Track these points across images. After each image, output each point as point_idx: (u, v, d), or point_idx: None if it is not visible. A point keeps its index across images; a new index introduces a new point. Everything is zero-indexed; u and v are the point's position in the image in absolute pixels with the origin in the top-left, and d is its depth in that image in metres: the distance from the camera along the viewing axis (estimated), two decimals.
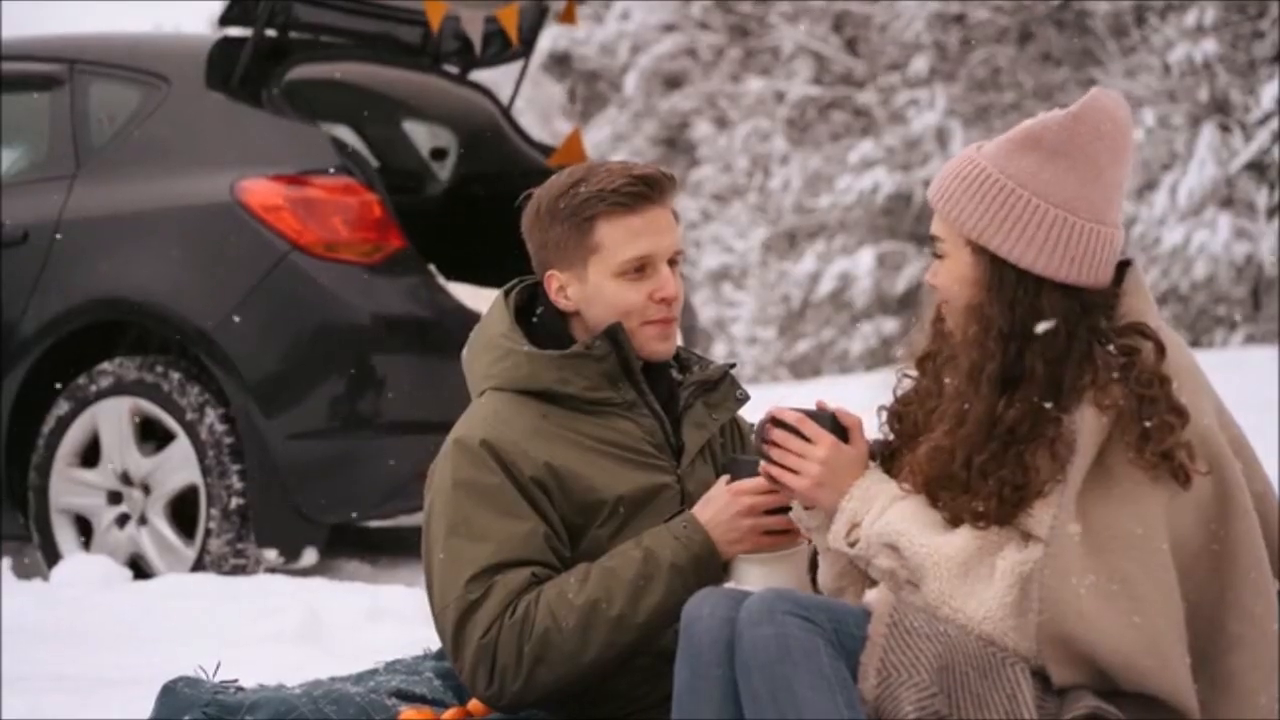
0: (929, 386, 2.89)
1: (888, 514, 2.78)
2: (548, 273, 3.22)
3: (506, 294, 3.31)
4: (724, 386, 3.32)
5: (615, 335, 3.17)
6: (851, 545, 2.82)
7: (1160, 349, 2.70)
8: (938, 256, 2.83)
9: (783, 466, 2.90)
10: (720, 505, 3.06)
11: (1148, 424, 2.66)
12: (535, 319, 3.27)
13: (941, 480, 2.77)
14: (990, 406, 2.73)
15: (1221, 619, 2.69)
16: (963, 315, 2.79)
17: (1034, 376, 2.72)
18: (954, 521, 2.75)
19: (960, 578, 2.70)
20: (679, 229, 3.22)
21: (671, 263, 3.19)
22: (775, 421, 2.92)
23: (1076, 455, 2.68)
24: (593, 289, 3.17)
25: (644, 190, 3.15)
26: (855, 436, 2.91)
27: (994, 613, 2.68)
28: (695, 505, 3.11)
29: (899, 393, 2.95)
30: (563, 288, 3.20)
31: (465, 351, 3.33)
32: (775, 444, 2.91)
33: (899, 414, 2.93)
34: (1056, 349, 2.72)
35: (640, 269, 3.15)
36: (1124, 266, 2.81)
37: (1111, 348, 2.71)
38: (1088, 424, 2.69)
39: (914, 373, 2.94)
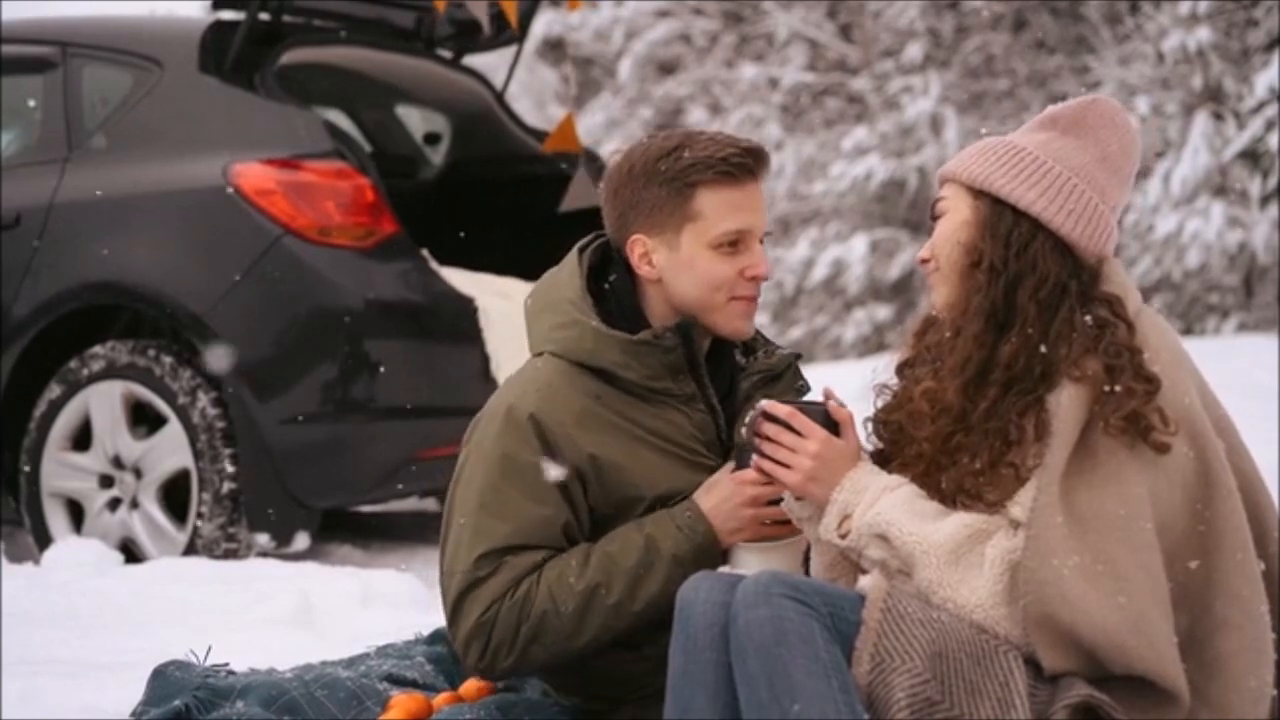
0: (910, 391, 2.90)
1: (878, 504, 2.79)
2: (633, 237, 3.15)
3: (581, 251, 3.24)
4: (787, 377, 3.28)
5: (686, 330, 3.13)
6: (843, 537, 2.83)
7: (1130, 327, 2.76)
8: (935, 218, 2.89)
9: (775, 461, 2.90)
10: (724, 494, 3.06)
11: (1115, 388, 2.69)
12: (608, 284, 3.20)
13: (945, 449, 2.79)
14: (984, 346, 2.78)
15: (1208, 601, 2.70)
16: (957, 259, 2.84)
17: (1026, 315, 2.77)
18: (957, 493, 2.77)
19: (951, 566, 2.71)
20: None
21: (760, 241, 3.15)
22: (766, 415, 2.92)
23: (1055, 436, 2.70)
24: (683, 258, 3.11)
25: (749, 163, 3.10)
26: (847, 431, 2.92)
27: (985, 601, 2.68)
28: (698, 490, 3.10)
29: (879, 404, 2.97)
30: (648, 254, 3.14)
31: (529, 300, 3.26)
32: (767, 438, 2.91)
33: (884, 422, 2.94)
34: (1047, 292, 2.78)
35: (735, 243, 3.10)
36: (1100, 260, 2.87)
37: (1089, 318, 2.76)
38: (1065, 403, 2.72)
39: (894, 383, 2.97)
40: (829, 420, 2.91)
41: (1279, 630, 2.75)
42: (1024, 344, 2.77)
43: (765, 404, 2.93)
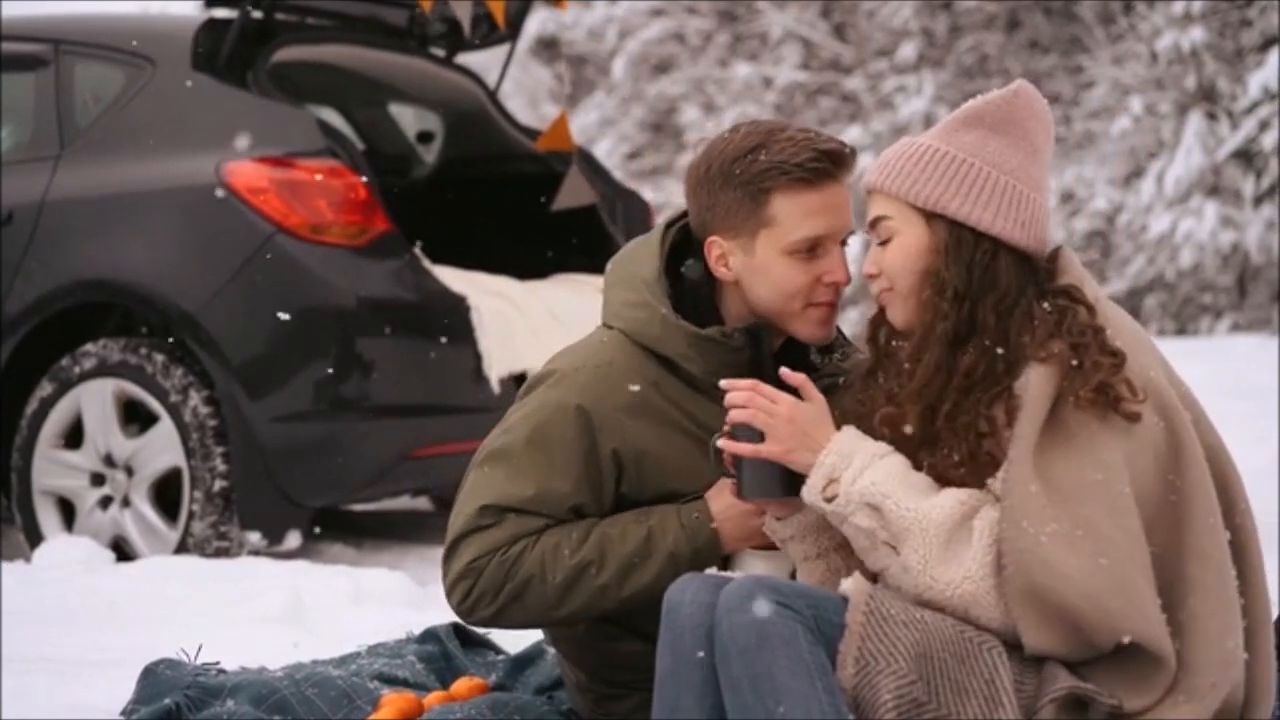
0: (873, 405, 2.90)
1: (870, 473, 2.78)
2: (710, 238, 3.08)
3: (667, 227, 3.19)
4: None
5: (756, 332, 3.08)
6: (828, 500, 2.81)
7: (1090, 309, 2.77)
8: (882, 242, 2.86)
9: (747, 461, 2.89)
10: (734, 499, 3.04)
11: (1082, 363, 2.71)
12: (685, 267, 3.15)
13: (917, 440, 2.80)
14: (944, 360, 2.78)
15: (1182, 565, 2.71)
16: (916, 284, 2.82)
17: (985, 328, 2.78)
18: (938, 480, 2.77)
19: (944, 545, 2.71)
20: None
21: (842, 242, 3.07)
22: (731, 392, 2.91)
23: (1024, 410, 2.71)
24: (759, 263, 3.04)
25: (828, 167, 3.01)
26: (809, 392, 2.90)
27: (974, 573, 2.68)
28: (711, 490, 3.08)
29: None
30: (724, 255, 3.08)
31: (611, 265, 3.21)
32: (740, 406, 2.89)
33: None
34: (1006, 305, 2.78)
35: (812, 249, 3.03)
36: (1055, 250, 2.89)
37: (1046, 305, 2.77)
38: (1033, 381, 2.72)
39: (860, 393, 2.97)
40: (786, 388, 2.90)
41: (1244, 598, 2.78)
42: (982, 354, 2.77)
43: (725, 382, 2.92)
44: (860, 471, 2.78)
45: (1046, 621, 2.64)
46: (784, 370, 2.90)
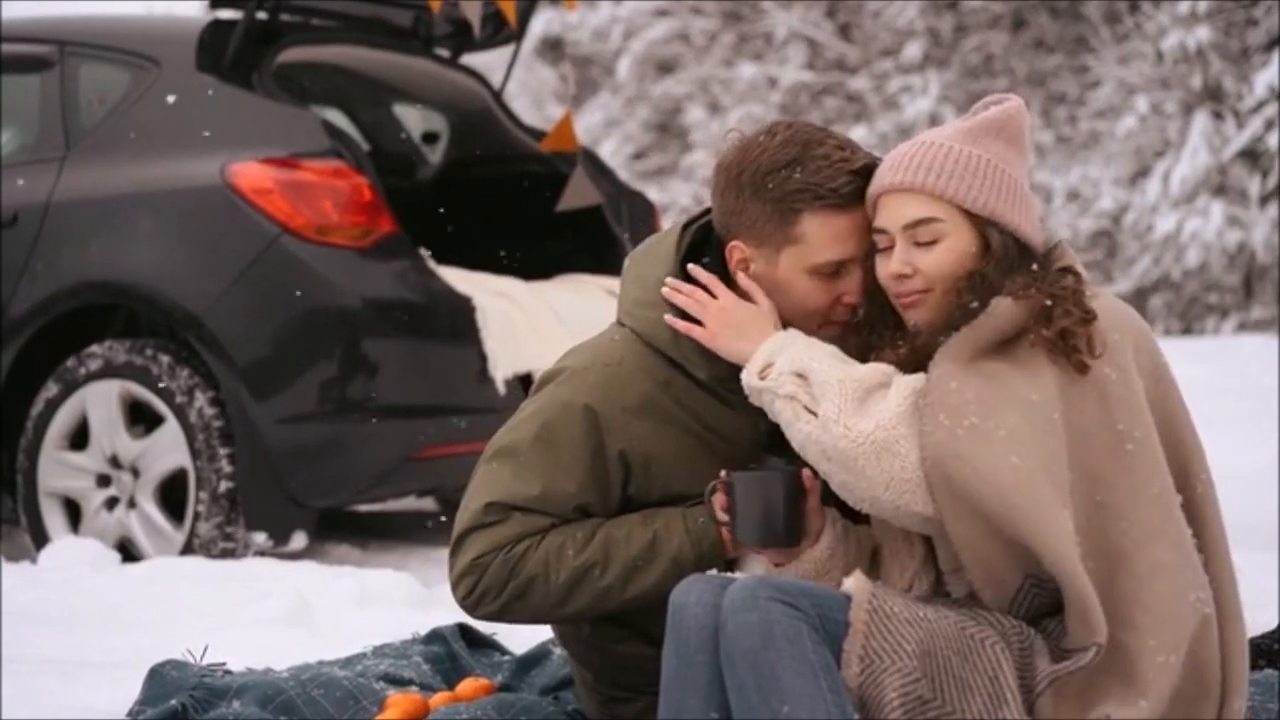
0: None
1: (806, 350, 2.88)
2: (733, 242, 3.09)
3: (685, 226, 3.20)
4: None
5: None
6: (762, 379, 2.88)
7: (1079, 278, 2.86)
8: (923, 243, 2.90)
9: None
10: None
11: (1053, 311, 2.78)
12: (701, 266, 3.14)
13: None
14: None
15: (1140, 513, 2.76)
16: (954, 286, 2.87)
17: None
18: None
19: (859, 399, 2.78)
20: None
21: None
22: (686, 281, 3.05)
23: (969, 326, 2.79)
24: (780, 276, 3.05)
25: (861, 190, 3.01)
26: (757, 296, 3.02)
27: (887, 421, 2.74)
28: (718, 494, 3.08)
29: None
30: (745, 261, 3.08)
31: (628, 261, 3.23)
32: (682, 293, 3.03)
33: None
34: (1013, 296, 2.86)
35: (835, 271, 3.03)
36: (1057, 243, 2.98)
37: (1035, 265, 2.87)
38: (998, 308, 2.80)
39: None
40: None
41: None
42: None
43: (691, 267, 3.07)
44: (796, 352, 2.88)
45: (964, 515, 2.70)
46: (740, 277, 3.02)
